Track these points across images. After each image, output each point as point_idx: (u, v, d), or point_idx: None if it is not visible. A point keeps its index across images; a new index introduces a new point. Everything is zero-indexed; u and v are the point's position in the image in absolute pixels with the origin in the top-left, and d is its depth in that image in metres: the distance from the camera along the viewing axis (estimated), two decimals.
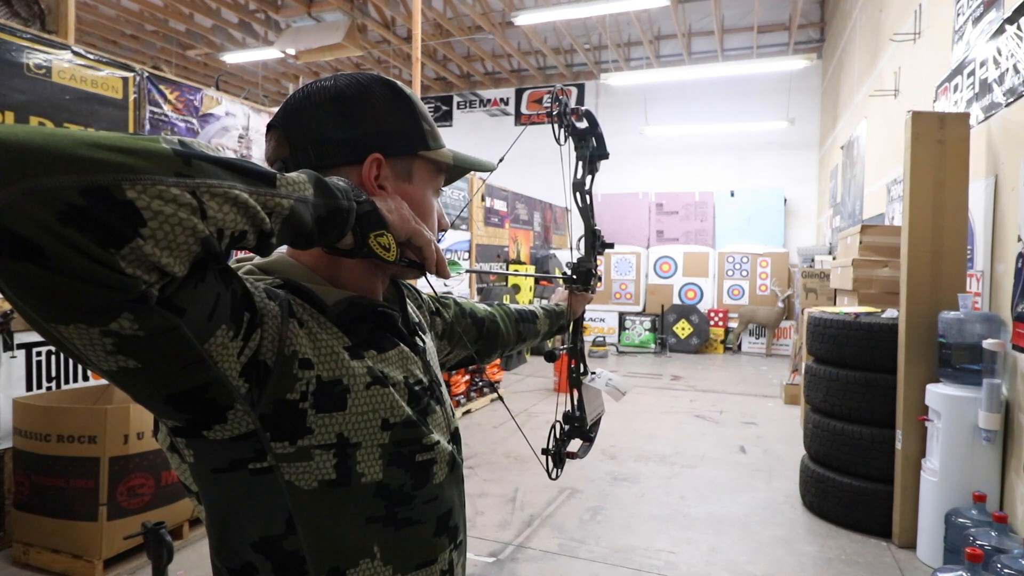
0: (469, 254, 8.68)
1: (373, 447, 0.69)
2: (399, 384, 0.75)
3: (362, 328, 0.74)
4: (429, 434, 0.77)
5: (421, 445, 0.75)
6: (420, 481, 0.75)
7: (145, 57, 11.54)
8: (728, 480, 4.35)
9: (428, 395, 0.81)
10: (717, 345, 10.88)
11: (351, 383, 0.68)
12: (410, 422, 0.74)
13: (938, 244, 3.32)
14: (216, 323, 0.55)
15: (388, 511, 0.71)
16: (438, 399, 0.84)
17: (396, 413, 0.72)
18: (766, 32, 11.32)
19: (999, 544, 2.40)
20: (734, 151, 12.09)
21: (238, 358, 0.57)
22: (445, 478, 0.79)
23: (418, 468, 0.74)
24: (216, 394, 0.57)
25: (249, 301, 0.60)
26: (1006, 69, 3.22)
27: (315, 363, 0.65)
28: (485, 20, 10.46)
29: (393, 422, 0.71)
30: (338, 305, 0.72)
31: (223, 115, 4.53)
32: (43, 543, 2.92)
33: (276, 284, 0.71)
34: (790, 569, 3.10)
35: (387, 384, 0.73)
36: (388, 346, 0.77)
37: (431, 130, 0.82)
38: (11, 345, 3.18)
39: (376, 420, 0.70)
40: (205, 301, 0.53)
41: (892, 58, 5.93)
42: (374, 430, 0.69)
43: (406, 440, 0.73)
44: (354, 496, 0.67)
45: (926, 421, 3.17)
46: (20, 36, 3.22)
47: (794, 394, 6.46)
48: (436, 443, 0.78)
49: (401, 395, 0.74)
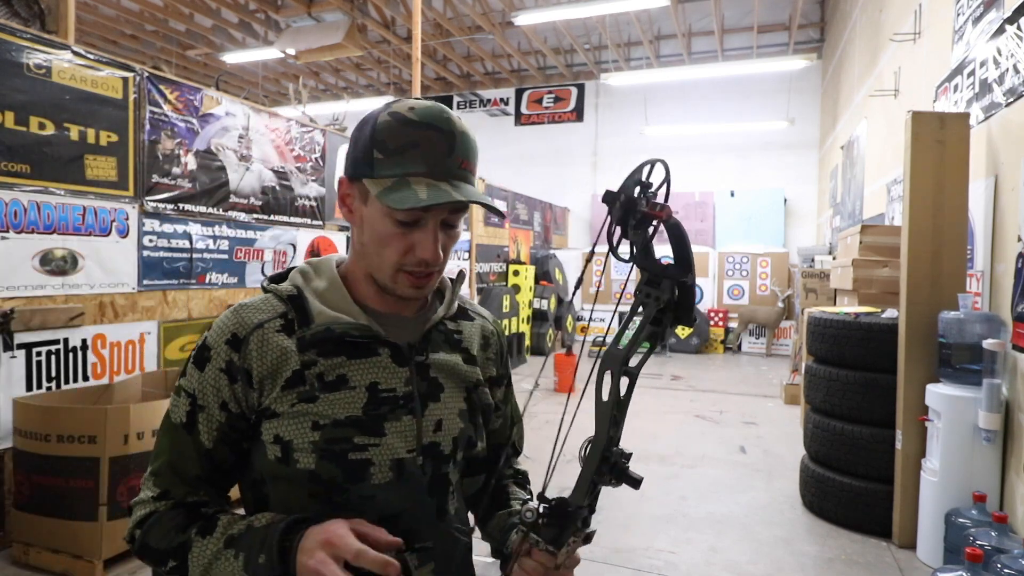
0: (469, 254, 8.69)
1: (305, 443, 0.84)
2: (358, 387, 0.87)
3: (333, 343, 0.87)
4: (368, 436, 0.86)
5: (353, 444, 0.85)
6: (352, 477, 0.85)
7: (145, 57, 11.55)
8: (728, 480, 4.35)
9: (397, 404, 0.88)
10: (717, 345, 10.88)
11: (280, 408, 0.85)
12: (340, 423, 0.85)
13: (938, 244, 3.32)
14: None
15: (325, 493, 0.84)
16: (412, 411, 0.89)
17: (327, 416, 0.85)
18: (766, 32, 11.32)
19: (999, 544, 2.40)
20: (734, 151, 12.08)
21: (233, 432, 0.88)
22: (387, 482, 0.87)
23: (351, 465, 0.85)
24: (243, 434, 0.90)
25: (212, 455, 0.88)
26: (1006, 69, 3.22)
27: (263, 394, 0.86)
28: (485, 20, 10.46)
29: (323, 423, 0.84)
30: (317, 333, 0.86)
31: (223, 115, 4.53)
32: (43, 543, 2.92)
33: (292, 293, 0.90)
34: (790, 569, 3.10)
35: (326, 391, 0.85)
36: (364, 354, 0.88)
37: (383, 159, 0.83)
38: (11, 345, 3.18)
39: (306, 423, 0.84)
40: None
41: (892, 58, 5.93)
42: (305, 430, 0.84)
43: (337, 439, 0.84)
44: (295, 474, 0.84)
45: (926, 421, 3.17)
46: (20, 36, 3.22)
47: (794, 394, 6.46)
48: (373, 446, 0.86)
49: (355, 397, 0.86)
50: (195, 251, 4.33)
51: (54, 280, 3.41)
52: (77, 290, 3.53)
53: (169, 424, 0.88)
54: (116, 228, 3.76)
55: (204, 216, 4.39)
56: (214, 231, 4.49)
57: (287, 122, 5.25)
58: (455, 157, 0.84)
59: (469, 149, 0.87)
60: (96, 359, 3.64)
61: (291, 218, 5.24)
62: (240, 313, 0.88)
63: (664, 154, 6.63)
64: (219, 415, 0.86)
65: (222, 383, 0.85)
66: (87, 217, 3.57)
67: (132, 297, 3.88)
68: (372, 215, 0.86)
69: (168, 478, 0.86)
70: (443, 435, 0.92)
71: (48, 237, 3.37)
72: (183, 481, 0.86)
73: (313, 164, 5.50)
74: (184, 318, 4.26)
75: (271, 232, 5.01)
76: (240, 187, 4.70)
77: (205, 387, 0.86)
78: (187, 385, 0.87)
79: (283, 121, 5.21)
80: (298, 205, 5.32)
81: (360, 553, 0.73)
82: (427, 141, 0.83)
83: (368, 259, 0.89)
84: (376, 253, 0.87)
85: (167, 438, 0.88)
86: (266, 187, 4.96)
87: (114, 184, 3.72)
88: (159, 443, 0.88)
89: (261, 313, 0.88)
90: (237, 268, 4.69)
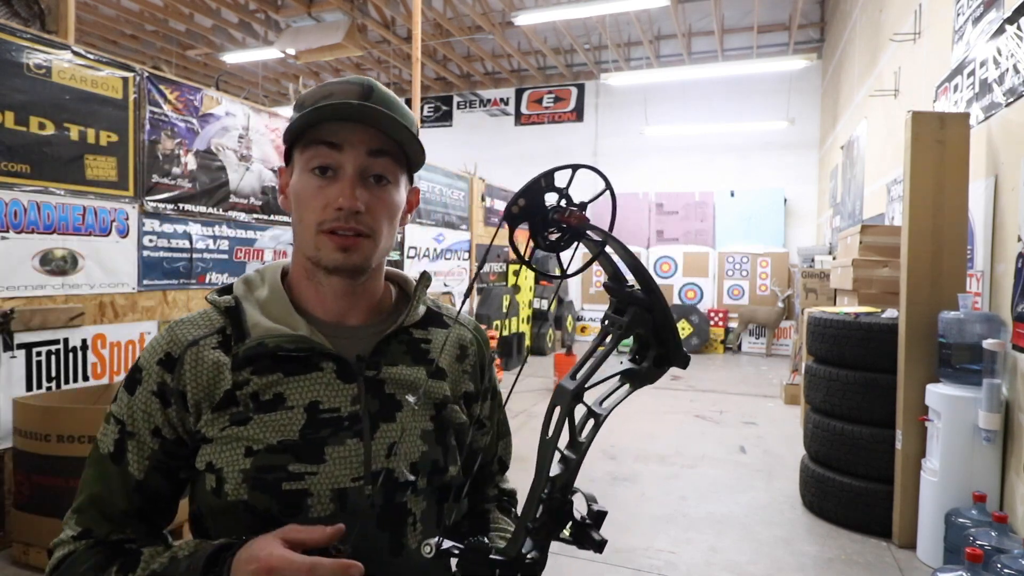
0: (469, 254, 8.69)
1: (235, 472, 0.76)
2: (296, 408, 0.79)
3: (269, 359, 0.80)
4: (304, 464, 0.77)
5: (288, 473, 0.76)
6: (287, 510, 0.76)
7: (145, 57, 11.55)
8: (728, 480, 4.35)
9: (341, 426, 0.79)
10: (717, 345, 10.88)
11: (211, 432, 0.78)
12: (273, 449, 0.76)
13: (938, 244, 3.32)
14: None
15: (262, 527, 0.73)
16: (359, 433, 0.80)
17: (260, 440, 0.77)
18: (766, 32, 11.32)
19: (999, 544, 2.40)
20: (734, 151, 12.09)
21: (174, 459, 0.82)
22: (328, 515, 0.76)
23: (285, 496, 0.76)
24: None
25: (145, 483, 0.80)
26: (1006, 69, 3.22)
27: (199, 418, 0.79)
28: (485, 20, 10.46)
29: (256, 449, 0.76)
30: (249, 348, 0.79)
31: (223, 115, 4.53)
32: (43, 543, 2.91)
33: (229, 304, 0.83)
34: (790, 569, 3.10)
35: (260, 412, 0.78)
36: (301, 370, 0.80)
37: (298, 115, 0.80)
38: (11, 345, 3.18)
39: (240, 448, 0.77)
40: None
41: (892, 58, 5.93)
42: (237, 457, 0.76)
43: (269, 467, 0.76)
44: (230, 506, 0.76)
45: (926, 421, 3.17)
46: (20, 36, 3.22)
47: (794, 394, 6.46)
48: (310, 474, 0.76)
49: (292, 419, 0.78)
50: (195, 251, 4.33)
51: (54, 280, 3.41)
52: (77, 290, 3.53)
53: (96, 455, 0.80)
54: (116, 228, 3.76)
55: (204, 216, 4.39)
56: (214, 231, 4.49)
57: (287, 122, 5.25)
58: (373, 102, 0.80)
59: (392, 102, 0.82)
60: (96, 359, 3.64)
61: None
62: (174, 330, 0.82)
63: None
64: (151, 442, 0.79)
65: (154, 407, 0.79)
66: (87, 217, 3.58)
67: (132, 297, 3.88)
68: (295, 183, 0.82)
69: (90, 515, 0.78)
70: (398, 460, 0.81)
71: (48, 237, 3.37)
72: (106, 518, 0.78)
73: None
74: None
75: (271, 232, 5.02)
76: (240, 187, 4.70)
77: (135, 412, 0.79)
78: (116, 411, 0.80)
79: (283, 121, 5.21)
80: None
81: (313, 568, 0.65)
82: (341, 90, 0.81)
83: (298, 238, 0.83)
84: (299, 221, 0.82)
85: (92, 470, 0.80)
86: (266, 187, 4.96)
87: (114, 184, 3.72)
88: (84, 476, 0.80)
89: (197, 329, 0.81)
90: (237, 268, 4.69)
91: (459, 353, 0.94)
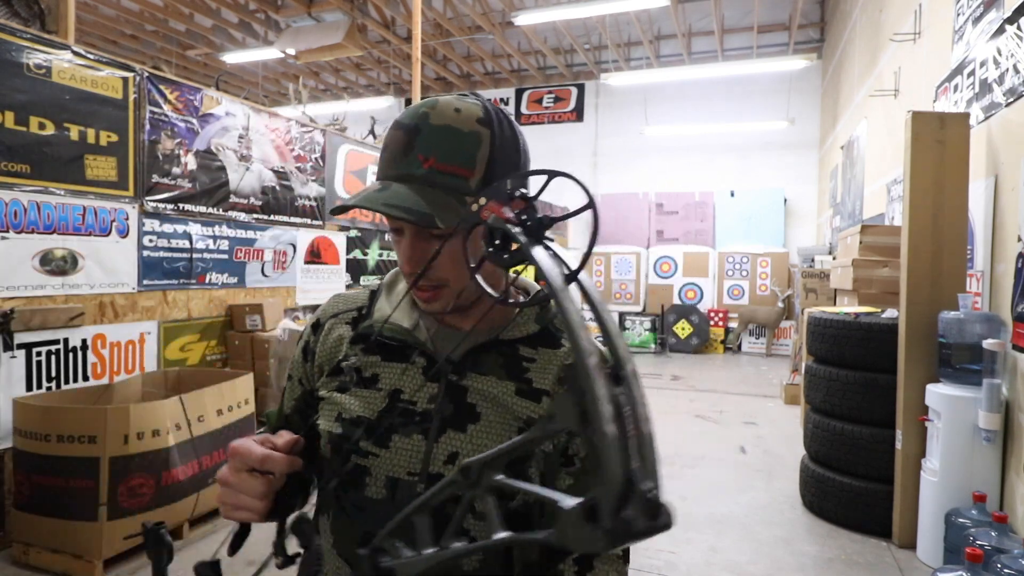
0: None
1: (327, 432, 0.85)
2: (384, 390, 0.84)
3: (375, 342, 0.87)
4: (372, 444, 0.81)
5: (359, 447, 0.82)
6: (351, 481, 0.83)
7: (145, 57, 11.54)
8: (728, 480, 4.35)
9: (412, 419, 0.81)
10: (717, 345, 10.88)
11: (323, 392, 0.89)
12: (355, 421, 0.83)
13: (938, 244, 3.32)
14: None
15: (337, 493, 0.83)
16: (424, 432, 0.80)
17: (349, 410, 0.84)
18: (766, 32, 11.32)
19: (999, 544, 2.40)
20: (734, 151, 12.08)
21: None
22: (380, 499, 0.80)
23: (353, 468, 0.82)
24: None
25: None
26: (1006, 69, 3.22)
27: (317, 378, 0.92)
28: (485, 20, 10.46)
29: (344, 417, 0.84)
30: (362, 328, 0.89)
31: (223, 115, 4.53)
32: (43, 543, 2.92)
33: (373, 289, 0.94)
34: (790, 569, 3.10)
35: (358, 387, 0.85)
36: (396, 358, 0.86)
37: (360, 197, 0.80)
38: (11, 345, 3.18)
39: (334, 412, 0.85)
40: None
41: (892, 58, 5.93)
42: (331, 420, 0.85)
43: (348, 436, 0.83)
44: (322, 462, 0.86)
45: (926, 421, 3.17)
46: (20, 36, 3.22)
47: (794, 394, 6.46)
48: (374, 455, 0.81)
49: (376, 399, 0.84)
50: (195, 251, 4.33)
51: (54, 280, 3.41)
52: (77, 290, 3.53)
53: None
54: (116, 228, 3.76)
55: (204, 216, 4.39)
56: (214, 231, 4.49)
57: (287, 122, 5.25)
58: (415, 154, 0.76)
59: (435, 144, 0.75)
60: (96, 359, 3.64)
61: (291, 218, 5.24)
62: (331, 301, 0.96)
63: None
64: (297, 388, 0.94)
65: (300, 360, 0.94)
66: (87, 217, 3.58)
67: (132, 297, 3.88)
68: None
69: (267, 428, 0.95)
70: (455, 471, 0.76)
71: (48, 237, 3.37)
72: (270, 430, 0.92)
73: (313, 164, 5.50)
74: (184, 318, 4.26)
75: (271, 232, 5.02)
76: (240, 187, 4.70)
77: (295, 361, 0.96)
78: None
79: (283, 121, 5.21)
80: (298, 205, 5.32)
81: (265, 458, 0.75)
82: (392, 141, 0.78)
83: None
84: None
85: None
86: (266, 187, 4.96)
87: (114, 184, 3.72)
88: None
89: (345, 304, 0.94)
90: (237, 268, 4.69)
91: (564, 376, 0.84)
